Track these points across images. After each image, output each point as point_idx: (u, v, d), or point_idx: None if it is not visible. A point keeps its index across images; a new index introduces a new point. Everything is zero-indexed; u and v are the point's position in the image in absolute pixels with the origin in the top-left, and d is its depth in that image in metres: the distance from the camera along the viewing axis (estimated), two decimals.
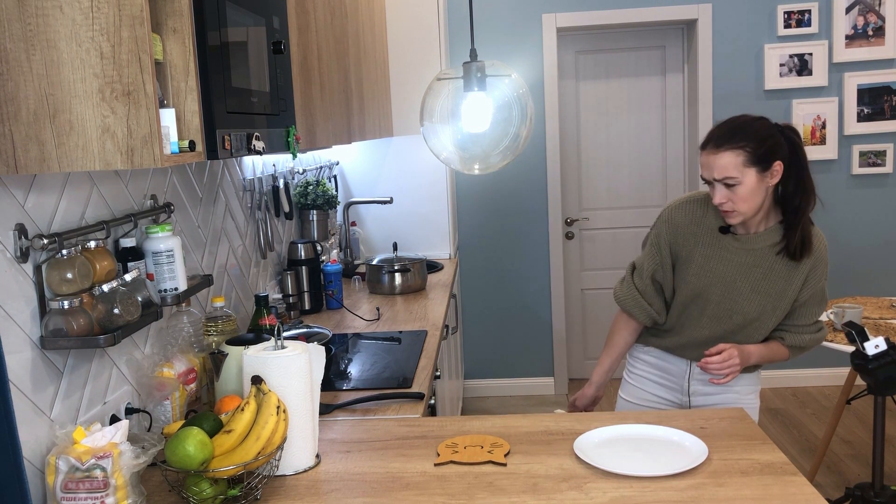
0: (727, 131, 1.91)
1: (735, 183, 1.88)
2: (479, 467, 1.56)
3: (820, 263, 2.00)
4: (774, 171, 1.89)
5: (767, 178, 1.89)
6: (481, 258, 4.72)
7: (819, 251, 2.00)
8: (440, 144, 2.25)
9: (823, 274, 2.01)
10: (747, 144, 1.87)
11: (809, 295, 2.02)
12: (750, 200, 1.90)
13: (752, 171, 1.87)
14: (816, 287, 2.01)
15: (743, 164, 1.87)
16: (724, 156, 1.88)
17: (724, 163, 1.88)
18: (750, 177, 1.87)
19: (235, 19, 1.56)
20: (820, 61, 4.38)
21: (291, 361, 1.55)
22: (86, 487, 1.35)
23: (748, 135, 1.87)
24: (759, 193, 1.90)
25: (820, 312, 2.07)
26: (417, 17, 3.90)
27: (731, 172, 1.87)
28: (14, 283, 1.39)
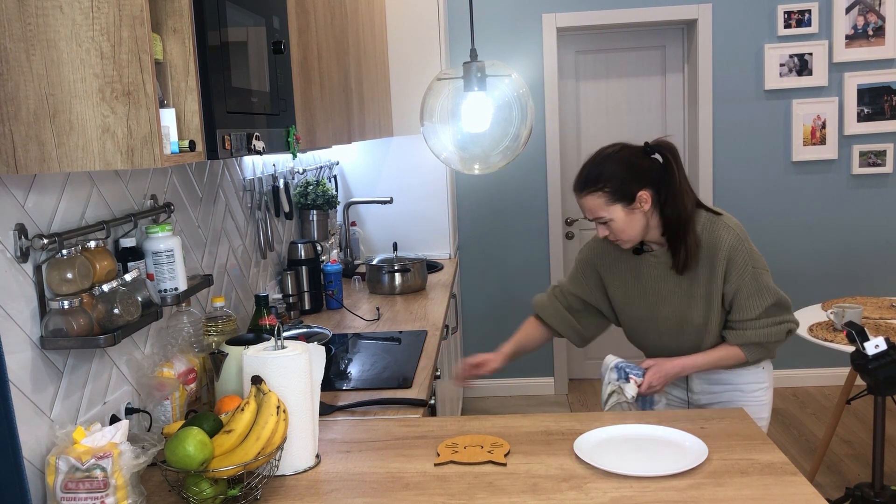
0: (586, 175, 1.97)
1: (607, 220, 1.95)
2: (479, 467, 1.56)
3: (736, 255, 1.94)
4: (641, 200, 1.93)
5: (636, 207, 1.93)
6: (481, 258, 4.72)
7: (728, 244, 1.94)
8: (440, 144, 2.25)
9: (746, 264, 1.94)
10: (605, 185, 1.93)
11: (736, 288, 1.95)
12: (629, 230, 1.95)
13: (618, 207, 1.93)
14: (742, 279, 1.94)
15: (606, 203, 1.93)
16: (588, 199, 1.96)
17: (590, 205, 1.96)
18: (617, 212, 1.94)
19: (235, 19, 1.56)
20: (820, 61, 4.38)
21: (291, 361, 1.55)
22: (86, 487, 1.35)
23: (605, 175, 1.93)
24: (636, 221, 1.95)
25: (761, 305, 1.95)
26: (417, 17, 3.90)
27: (599, 213, 1.95)
28: (14, 283, 1.39)
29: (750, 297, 1.96)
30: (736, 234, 1.96)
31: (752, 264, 1.95)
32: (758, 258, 1.98)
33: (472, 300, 4.76)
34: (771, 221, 4.58)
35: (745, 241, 1.96)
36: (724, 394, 2.11)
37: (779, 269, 4.60)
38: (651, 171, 1.95)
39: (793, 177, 4.54)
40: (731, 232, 1.96)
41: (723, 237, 1.95)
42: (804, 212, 4.55)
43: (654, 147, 1.97)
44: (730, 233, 1.96)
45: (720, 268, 1.95)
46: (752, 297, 1.96)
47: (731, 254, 1.94)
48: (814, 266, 4.60)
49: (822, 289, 4.60)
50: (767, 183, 4.54)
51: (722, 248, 1.94)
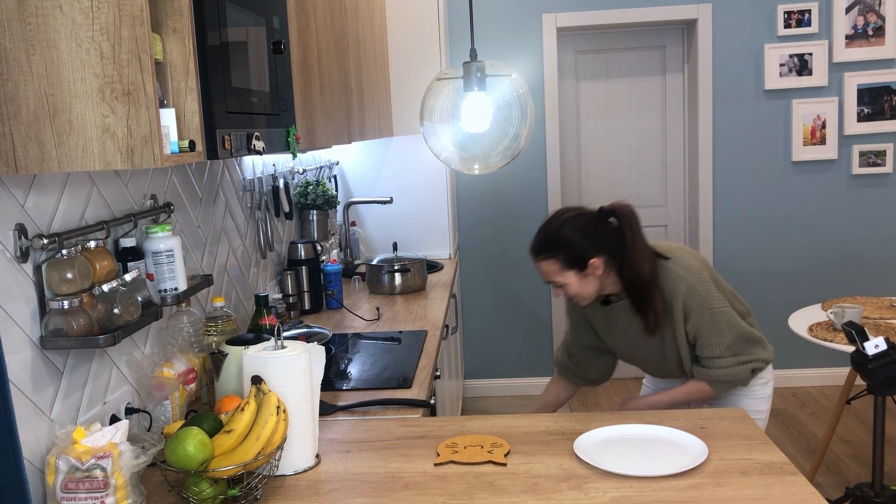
0: (540, 242, 2.01)
1: (561, 284, 2.01)
2: (479, 467, 1.56)
3: (690, 301, 1.98)
4: (593, 267, 1.97)
5: (589, 274, 1.98)
6: (481, 258, 4.72)
7: (682, 294, 1.98)
8: (440, 144, 2.25)
9: (701, 307, 1.97)
10: (558, 253, 1.97)
11: (696, 330, 2.00)
12: (583, 293, 2.01)
13: (571, 274, 1.98)
14: (701, 321, 1.98)
15: (560, 269, 1.98)
16: (543, 264, 2.00)
17: (545, 270, 2.01)
18: (570, 278, 1.99)
19: (235, 19, 1.56)
20: (820, 61, 4.38)
21: (291, 361, 1.55)
22: (86, 487, 1.35)
23: (558, 243, 1.97)
24: (590, 285, 2.00)
25: (722, 342, 1.98)
26: (417, 17, 3.90)
27: (553, 278, 2.00)
28: (14, 283, 1.39)
29: (710, 336, 1.99)
30: (687, 281, 1.98)
31: (707, 306, 1.98)
32: (713, 297, 1.99)
33: (472, 300, 4.76)
34: (771, 221, 4.58)
35: (697, 284, 1.99)
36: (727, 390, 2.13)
37: (779, 269, 4.61)
38: (605, 236, 1.99)
39: (793, 177, 4.54)
40: (682, 280, 1.98)
41: (675, 287, 1.98)
42: (804, 212, 4.55)
43: (609, 212, 2.00)
44: (681, 281, 1.98)
45: (678, 315, 2.00)
46: (712, 335, 1.99)
47: (686, 301, 1.98)
48: (814, 266, 4.60)
49: (822, 289, 4.60)
50: (767, 183, 4.54)
51: (677, 297, 1.98)
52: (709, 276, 2.02)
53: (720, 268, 4.62)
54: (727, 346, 1.99)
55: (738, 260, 4.62)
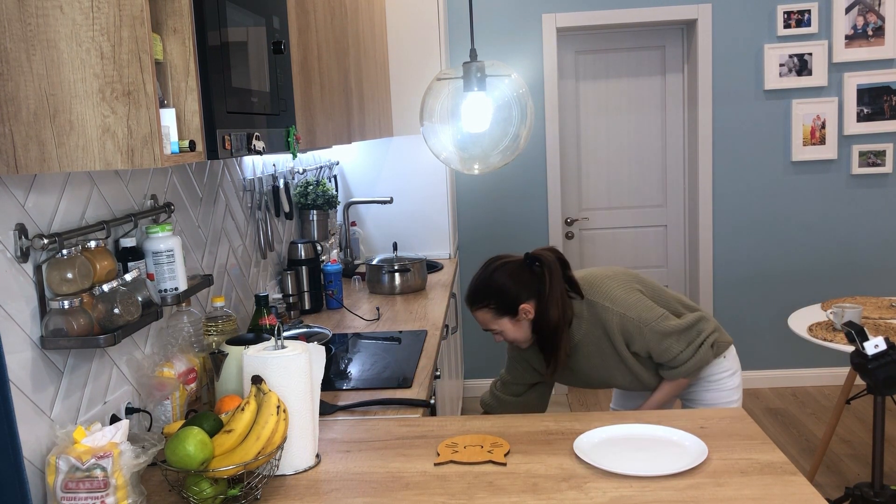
0: (474, 293, 2.11)
1: (498, 331, 2.10)
2: (479, 467, 1.56)
3: (627, 327, 2.04)
4: (524, 311, 2.05)
5: (522, 318, 2.06)
6: (481, 258, 4.69)
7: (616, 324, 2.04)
8: (440, 144, 2.25)
9: (639, 328, 2.04)
10: (490, 302, 2.07)
11: (646, 347, 2.06)
12: (520, 336, 2.09)
13: (505, 320, 2.08)
14: (644, 339, 2.05)
15: (494, 317, 2.08)
16: (478, 314, 2.11)
17: (481, 319, 2.11)
18: (505, 324, 2.08)
19: (235, 19, 1.56)
20: (820, 61, 4.38)
21: (291, 361, 1.55)
22: (86, 487, 1.35)
23: (490, 293, 2.07)
24: (524, 330, 2.08)
25: (674, 343, 2.05)
26: (417, 17, 3.90)
27: (490, 325, 2.10)
28: (14, 283, 1.39)
29: (660, 345, 2.06)
30: (616, 312, 2.05)
31: (643, 325, 2.04)
32: (646, 315, 2.05)
33: None
34: (771, 221, 4.58)
35: (626, 311, 2.05)
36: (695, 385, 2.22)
37: (779, 268, 4.61)
38: (531, 282, 2.06)
39: (792, 177, 4.54)
40: (613, 312, 2.06)
41: (608, 319, 2.06)
42: (804, 212, 4.55)
43: (535, 258, 2.08)
44: (611, 314, 2.06)
45: (619, 342, 2.06)
46: (661, 343, 2.05)
47: (622, 330, 2.06)
48: (814, 266, 4.60)
49: (822, 289, 4.60)
50: (767, 183, 4.54)
51: (612, 328, 2.06)
52: (633, 293, 2.07)
53: (719, 268, 4.62)
54: (677, 342, 2.05)
55: (737, 260, 4.62)
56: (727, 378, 2.21)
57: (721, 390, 2.20)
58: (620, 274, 2.14)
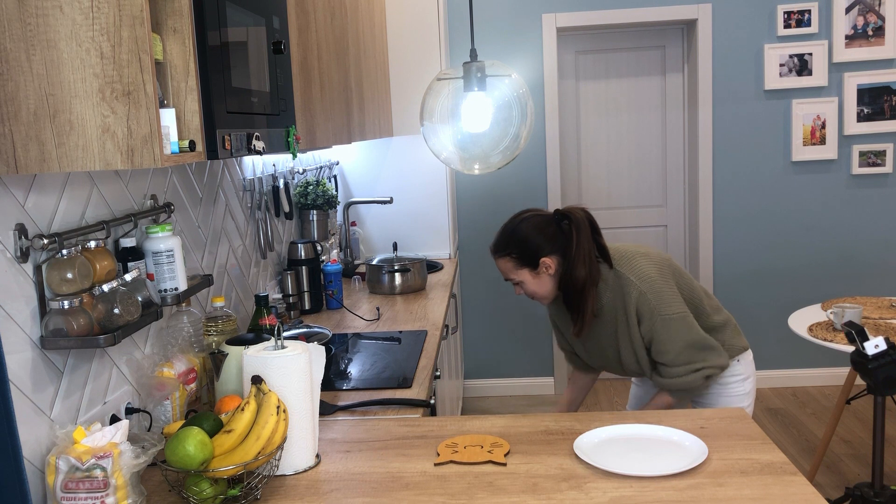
0: (497, 241, 2.13)
1: (517, 282, 2.12)
2: (479, 467, 1.56)
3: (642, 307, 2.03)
4: (545, 265, 2.06)
5: (542, 272, 2.08)
6: (481, 258, 4.71)
7: (634, 299, 2.03)
8: (440, 144, 2.25)
9: (652, 313, 2.02)
10: (512, 251, 2.08)
11: (649, 335, 2.05)
12: (540, 290, 2.11)
13: (525, 271, 2.09)
14: (653, 326, 2.03)
15: (514, 267, 2.10)
16: (500, 263, 2.12)
17: (502, 268, 2.13)
18: (525, 276, 2.10)
19: (235, 19, 1.56)
20: (820, 61, 4.38)
21: (291, 361, 1.55)
22: (86, 487, 1.35)
23: (512, 242, 2.08)
24: (544, 284, 2.09)
25: (673, 349, 2.03)
26: (417, 17, 3.90)
27: (510, 275, 2.12)
28: (14, 283, 1.39)
29: (661, 343, 2.04)
30: (638, 287, 2.04)
31: (658, 313, 2.03)
32: (665, 304, 2.03)
33: (472, 300, 4.76)
34: (771, 221, 4.58)
35: (648, 291, 2.04)
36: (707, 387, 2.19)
37: (779, 268, 4.61)
38: (557, 238, 2.07)
39: (792, 177, 4.54)
40: (634, 286, 2.04)
41: (628, 293, 2.05)
42: (804, 212, 4.55)
43: (564, 215, 2.08)
44: (632, 287, 2.04)
45: (632, 318, 2.05)
46: (663, 342, 2.04)
47: (637, 306, 2.04)
48: (814, 266, 4.60)
49: (822, 289, 4.60)
50: (767, 183, 4.54)
51: (630, 302, 2.05)
52: (665, 279, 2.05)
53: (720, 268, 4.62)
54: (677, 353, 2.03)
55: (737, 260, 4.62)
56: (737, 383, 2.17)
57: (730, 395, 2.17)
58: (656, 256, 2.11)
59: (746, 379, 2.19)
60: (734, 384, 2.17)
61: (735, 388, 2.17)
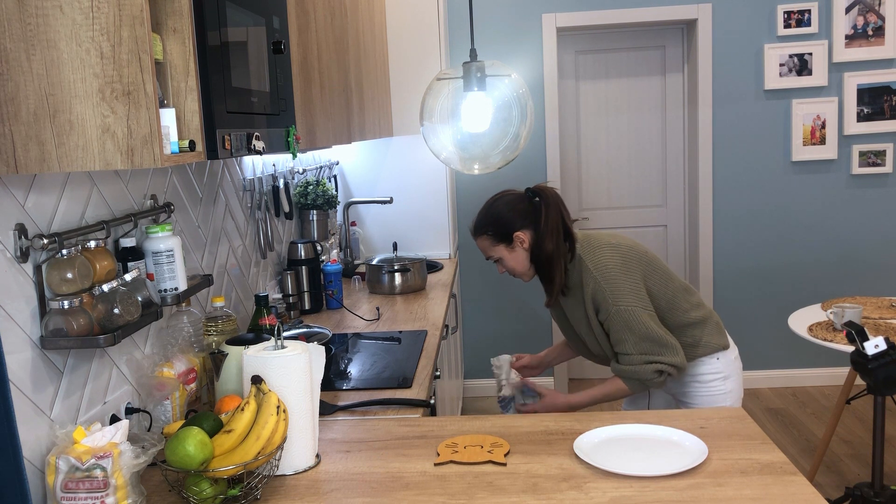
0: (475, 222, 2.24)
1: (496, 259, 2.23)
2: (479, 467, 1.56)
3: (598, 296, 2.09)
4: (518, 240, 2.17)
5: (517, 246, 2.18)
6: (481, 258, 4.71)
7: (590, 288, 2.10)
8: (440, 144, 2.25)
9: (607, 303, 2.08)
10: (489, 229, 2.20)
11: (606, 324, 2.12)
12: (517, 265, 2.21)
13: (501, 247, 2.20)
14: (609, 315, 2.09)
15: (491, 244, 2.22)
16: (479, 242, 2.24)
17: (481, 246, 2.25)
18: (501, 251, 2.21)
19: (235, 19, 1.56)
20: (820, 61, 4.38)
21: (291, 361, 1.55)
22: (86, 487, 1.35)
23: (488, 221, 2.20)
24: (520, 257, 2.20)
25: (629, 339, 2.08)
26: (417, 17, 3.90)
27: (488, 252, 2.24)
28: (14, 283, 1.39)
29: (618, 332, 2.10)
30: (594, 277, 2.10)
31: (613, 303, 2.08)
32: (620, 296, 2.08)
33: (472, 300, 4.76)
34: (771, 221, 4.58)
35: (603, 281, 2.09)
36: (686, 384, 2.23)
37: (779, 269, 4.61)
38: (528, 213, 2.17)
39: (792, 177, 4.54)
40: (591, 276, 2.11)
41: (586, 281, 2.12)
42: (804, 212, 4.55)
43: (536, 192, 2.18)
44: (590, 276, 2.11)
45: (590, 306, 2.13)
46: (619, 331, 2.10)
47: (594, 296, 2.11)
48: (814, 266, 4.60)
49: (822, 289, 4.60)
50: (767, 183, 4.54)
51: (587, 290, 2.12)
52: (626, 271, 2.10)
53: (720, 267, 4.62)
54: (633, 343, 2.08)
55: (737, 259, 4.62)
56: (718, 381, 2.19)
57: (712, 394, 2.19)
58: (625, 247, 2.15)
59: (727, 378, 2.20)
60: (714, 382, 2.20)
61: (716, 386, 2.20)
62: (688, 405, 2.24)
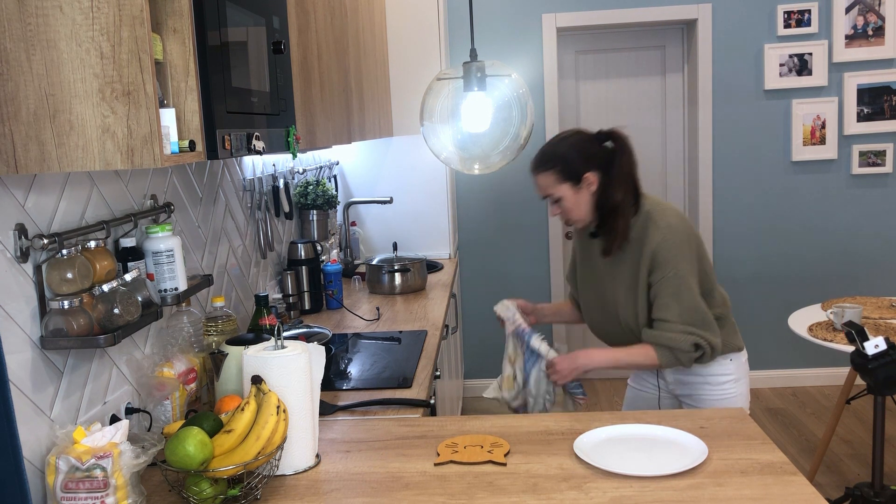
0: (540, 155, 2.12)
1: (556, 198, 2.09)
2: (479, 467, 1.56)
3: (660, 255, 2.01)
4: (587, 181, 2.06)
5: (583, 188, 2.07)
6: (481, 258, 4.72)
7: (655, 243, 2.01)
8: (440, 144, 2.25)
9: (668, 265, 2.00)
10: (555, 165, 2.07)
11: (657, 287, 2.02)
12: (577, 210, 2.09)
13: (566, 186, 2.07)
14: (663, 279, 2.00)
15: (556, 182, 2.07)
16: (540, 177, 2.10)
17: (542, 183, 2.11)
18: (566, 191, 2.08)
19: (235, 19, 1.56)
20: (820, 61, 4.38)
21: (291, 361, 1.55)
22: (86, 487, 1.35)
23: (556, 156, 2.08)
24: (583, 202, 2.08)
25: (676, 309, 2.00)
26: (417, 17, 3.90)
27: (549, 190, 2.10)
28: (14, 283, 1.39)
29: (667, 297, 2.02)
30: (664, 235, 2.01)
31: (675, 268, 2.01)
32: (682, 262, 2.01)
33: (472, 300, 4.76)
34: (771, 221, 4.58)
35: (671, 242, 2.01)
36: (695, 385, 2.16)
37: (779, 268, 4.61)
38: (599, 156, 2.07)
39: (792, 177, 4.54)
40: (660, 232, 2.02)
41: (651, 236, 2.03)
42: (804, 212, 4.55)
43: (607, 135, 2.09)
44: (659, 233, 2.02)
45: (645, 264, 2.04)
46: (669, 297, 2.01)
47: (655, 253, 2.02)
48: (814, 266, 4.60)
49: (822, 289, 4.60)
50: (767, 183, 4.54)
51: (648, 245, 2.03)
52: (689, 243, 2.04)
53: (720, 268, 4.62)
54: (678, 311, 2.00)
55: (737, 260, 4.62)
56: (730, 383, 2.14)
57: (724, 397, 2.13)
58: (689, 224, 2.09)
59: (738, 380, 2.16)
60: (726, 384, 2.14)
61: (727, 388, 2.14)
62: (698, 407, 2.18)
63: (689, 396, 2.18)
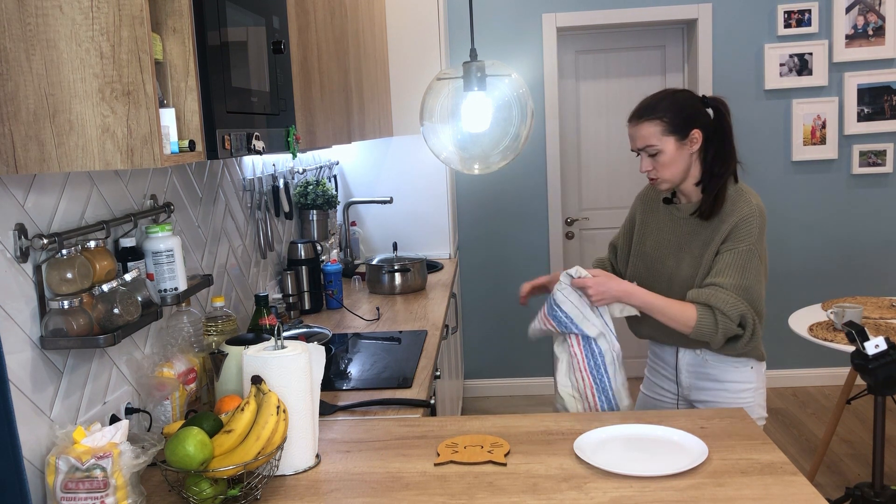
0: (648, 104, 2.04)
1: (656, 151, 2.01)
2: (479, 467, 1.56)
3: (743, 225, 1.99)
4: (693, 138, 2.02)
5: (687, 145, 2.02)
6: (481, 258, 4.71)
7: (743, 213, 2.01)
8: (440, 144, 2.25)
9: (744, 238, 1.98)
10: (664, 115, 2.00)
11: (727, 252, 1.99)
12: (672, 167, 2.02)
13: (671, 140, 2.00)
14: (735, 248, 1.98)
15: (661, 133, 2.00)
16: (644, 126, 2.02)
17: (645, 133, 2.02)
18: (669, 145, 2.01)
19: (235, 19, 1.56)
20: (820, 61, 4.38)
21: (291, 361, 1.55)
22: (86, 487, 1.35)
23: (666, 106, 2.01)
24: (681, 160, 2.03)
25: (735, 279, 1.95)
26: (417, 17, 3.90)
27: (651, 141, 2.01)
28: (14, 283, 1.39)
29: (728, 266, 1.98)
30: (751, 210, 2.01)
31: (750, 244, 1.99)
32: (759, 241, 2.00)
33: (472, 300, 4.76)
34: (771, 221, 4.57)
35: (755, 220, 2.01)
36: (712, 392, 2.12)
37: (779, 269, 4.60)
38: (705, 118, 2.05)
39: (793, 176, 4.54)
40: (750, 208, 2.02)
41: (741, 208, 2.02)
42: (804, 212, 4.55)
43: (710, 101, 2.06)
44: (748, 207, 2.02)
45: (724, 230, 2.01)
46: (734, 267, 1.97)
47: (739, 224, 2.00)
48: (814, 266, 4.60)
49: (822, 289, 4.60)
50: (767, 183, 4.54)
51: (735, 215, 2.01)
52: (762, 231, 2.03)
53: None
54: (736, 283, 1.96)
55: None
56: (749, 392, 2.09)
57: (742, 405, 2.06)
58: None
59: (757, 390, 2.11)
60: (744, 393, 2.09)
61: (744, 398, 2.08)
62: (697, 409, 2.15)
63: (703, 402, 2.13)
